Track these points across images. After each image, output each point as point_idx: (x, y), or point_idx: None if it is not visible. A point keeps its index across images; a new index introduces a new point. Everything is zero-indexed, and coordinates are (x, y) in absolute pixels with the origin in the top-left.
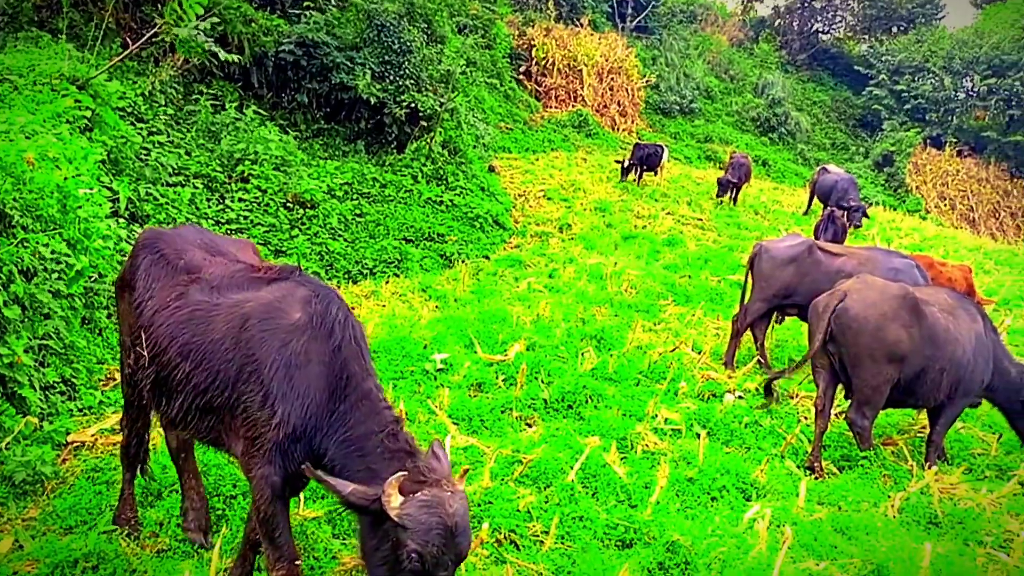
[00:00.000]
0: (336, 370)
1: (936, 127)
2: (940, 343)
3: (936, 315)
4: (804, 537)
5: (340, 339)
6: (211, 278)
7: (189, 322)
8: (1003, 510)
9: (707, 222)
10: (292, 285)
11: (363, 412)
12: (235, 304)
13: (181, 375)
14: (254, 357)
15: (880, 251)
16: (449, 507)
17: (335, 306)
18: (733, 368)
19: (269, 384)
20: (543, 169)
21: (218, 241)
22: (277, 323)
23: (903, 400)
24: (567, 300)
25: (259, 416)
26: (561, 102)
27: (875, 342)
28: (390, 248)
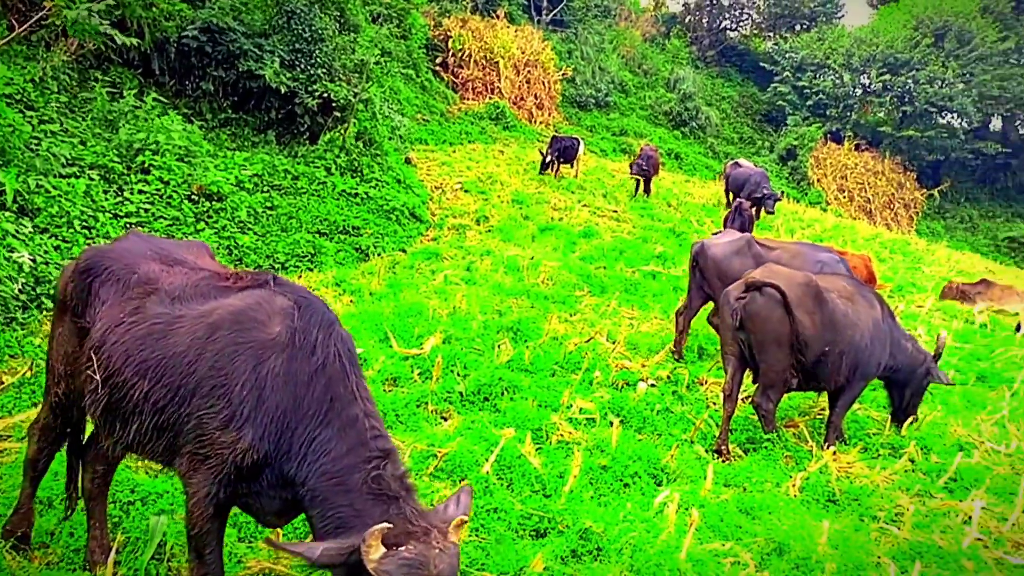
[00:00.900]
0: (318, 393)
1: (836, 122)
2: (840, 328)
3: (836, 301)
4: (711, 519)
5: (324, 358)
6: (171, 288)
7: (147, 337)
8: (895, 486)
9: (622, 214)
10: (269, 294)
11: (348, 441)
12: (201, 315)
13: (138, 395)
14: (221, 372)
15: (807, 246)
16: (433, 568)
17: (319, 319)
18: (681, 357)
19: (238, 406)
20: (460, 161)
21: (170, 247)
22: (252, 336)
23: (807, 383)
24: (484, 292)
25: (219, 437)
26: (478, 94)
27: (780, 327)
28: (303, 242)
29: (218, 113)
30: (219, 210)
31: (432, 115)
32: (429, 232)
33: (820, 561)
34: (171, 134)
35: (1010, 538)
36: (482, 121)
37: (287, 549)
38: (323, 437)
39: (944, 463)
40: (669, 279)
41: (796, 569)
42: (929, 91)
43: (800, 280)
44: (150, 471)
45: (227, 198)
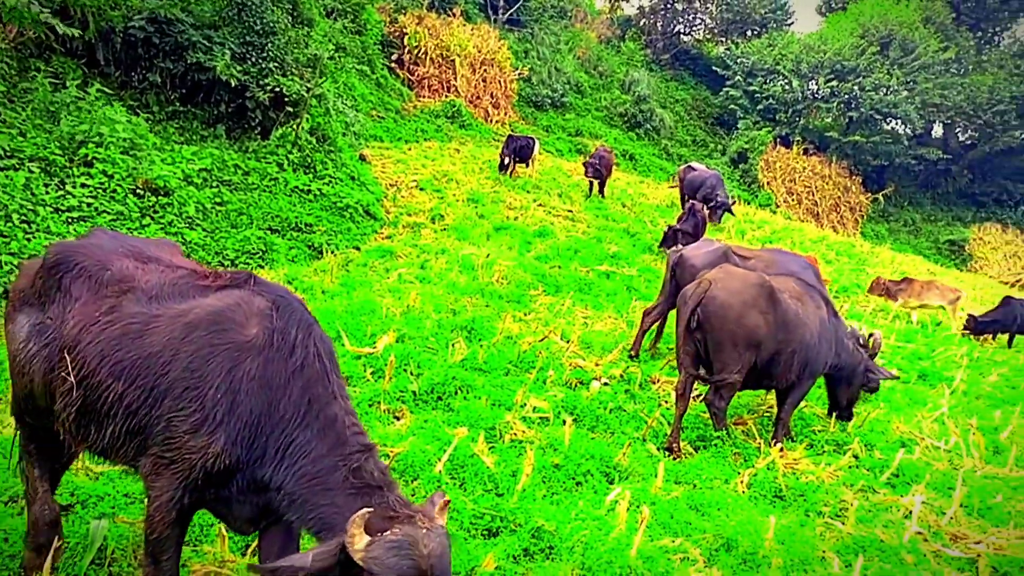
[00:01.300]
0: (295, 395)
1: (785, 127)
2: (792, 328)
3: (788, 301)
4: (661, 515)
5: (302, 359)
6: (148, 287)
7: (123, 337)
8: (840, 482)
9: (577, 214)
10: (247, 294)
11: (328, 442)
12: (178, 314)
13: (113, 397)
14: (195, 374)
15: (782, 253)
16: (424, 547)
17: (298, 319)
18: (637, 355)
19: (211, 409)
20: (416, 159)
21: (140, 245)
22: (229, 338)
23: (759, 382)
24: (438, 291)
25: (188, 441)
26: (434, 92)
27: (737, 328)
28: (254, 239)
29: (165, 106)
30: (166, 205)
31: (387, 112)
32: (383, 230)
33: (767, 556)
34: (116, 126)
35: (948, 531)
36: (438, 119)
37: (276, 568)
38: (301, 440)
39: (887, 459)
40: (623, 279)
41: (743, 564)
42: (874, 98)
43: (755, 281)
44: (90, 473)
45: (174, 193)
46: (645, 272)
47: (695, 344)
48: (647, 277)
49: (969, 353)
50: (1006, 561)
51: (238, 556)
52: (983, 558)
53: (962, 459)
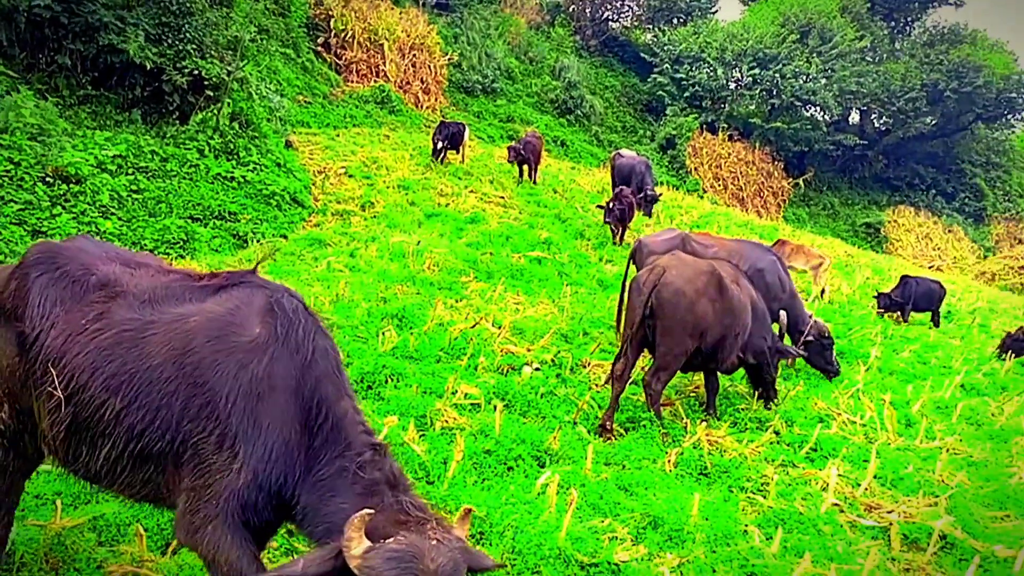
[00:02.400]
0: (307, 395)
1: (711, 113)
2: (737, 312)
3: (732, 287)
4: (591, 497)
5: (309, 355)
6: (139, 291)
7: (116, 347)
8: (762, 457)
9: (509, 200)
10: (246, 292)
11: (338, 443)
12: (176, 320)
13: (109, 415)
14: (205, 386)
15: (745, 243)
16: (430, 561)
17: (300, 314)
18: None
19: (227, 420)
20: (345, 145)
21: (126, 252)
22: (232, 341)
23: (705, 365)
24: (368, 279)
25: (215, 461)
26: (363, 77)
27: (688, 315)
28: (174, 228)
29: (76, 90)
30: (78, 193)
31: (315, 97)
32: (312, 218)
33: (691, 531)
34: (22, 111)
35: (863, 502)
36: (367, 104)
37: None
38: (316, 445)
39: (806, 434)
40: (554, 264)
41: (669, 540)
42: (794, 85)
43: (705, 269)
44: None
45: (87, 180)
46: (576, 258)
47: (645, 329)
48: (578, 263)
49: (883, 331)
50: (915, 528)
51: (157, 555)
52: (895, 526)
53: (876, 433)
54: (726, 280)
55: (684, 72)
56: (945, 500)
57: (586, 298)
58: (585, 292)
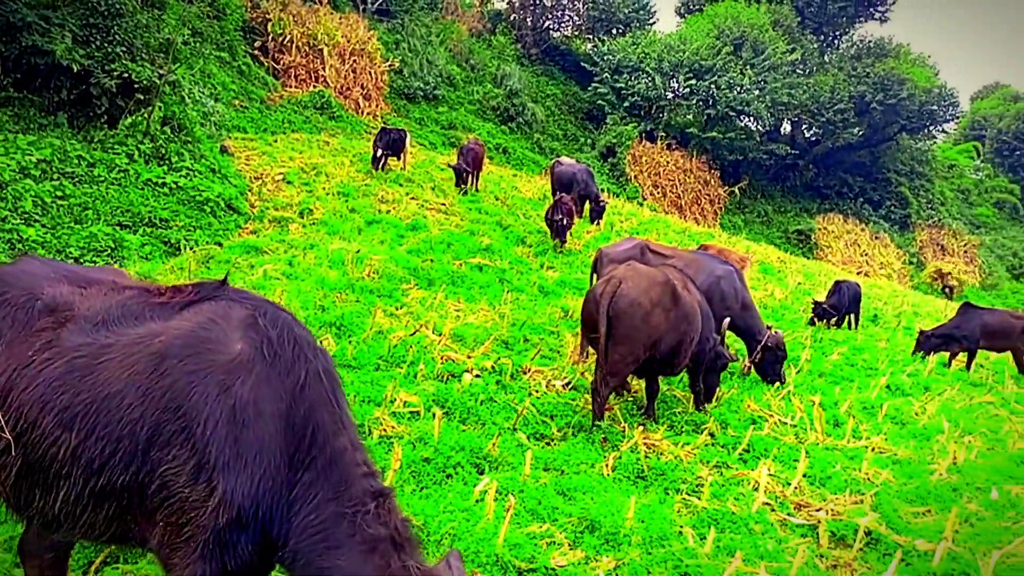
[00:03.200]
0: (298, 422)
1: (650, 122)
2: (691, 319)
3: (684, 294)
4: (529, 502)
5: (302, 376)
6: (92, 313)
7: (68, 377)
8: (697, 459)
9: (450, 207)
10: (222, 306)
11: (333, 483)
12: (138, 341)
13: (65, 452)
14: (179, 411)
15: (703, 255)
16: None
17: (288, 329)
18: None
19: (205, 448)
20: (283, 151)
21: (78, 269)
22: (210, 360)
23: (661, 371)
24: (306, 287)
25: (189, 494)
26: (302, 82)
27: (642, 325)
28: (101, 235)
29: None
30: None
31: (251, 102)
32: (248, 225)
33: (627, 534)
34: None
35: (793, 500)
36: (306, 110)
37: None
38: (306, 480)
39: (739, 436)
40: (495, 271)
41: (606, 543)
42: (729, 96)
43: (660, 279)
44: None
45: (8, 186)
46: (517, 264)
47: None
48: (519, 269)
49: (813, 334)
50: (842, 525)
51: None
52: (822, 524)
53: (806, 433)
54: (679, 289)
55: (624, 82)
56: (870, 497)
57: (527, 304)
58: (526, 299)
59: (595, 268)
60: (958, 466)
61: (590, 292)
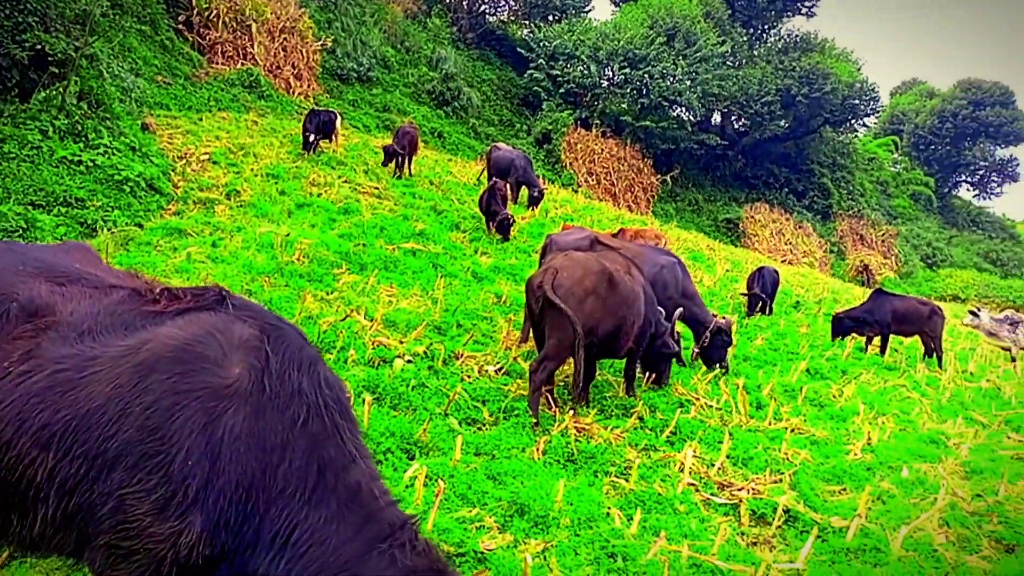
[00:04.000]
0: (299, 459)
1: (585, 110)
2: (629, 303)
3: (624, 280)
4: (460, 487)
5: (307, 409)
6: (76, 319)
7: (49, 392)
8: (626, 442)
9: (384, 191)
10: (223, 319)
11: (353, 521)
12: (126, 352)
13: (41, 475)
14: (156, 433)
15: (648, 247)
16: None
17: (295, 354)
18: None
19: (183, 481)
20: (209, 130)
21: (48, 256)
22: (202, 381)
23: (603, 355)
24: (232, 271)
25: (151, 527)
26: (229, 59)
27: (578, 313)
28: (11, 215)
29: None
30: None
31: (175, 78)
32: (171, 206)
33: (556, 517)
34: None
35: (716, 481)
36: (234, 88)
37: None
38: (314, 520)
39: (667, 419)
40: (429, 256)
41: (535, 527)
42: (662, 86)
43: (594, 268)
44: None
45: None
46: (452, 249)
47: (541, 328)
48: (453, 254)
49: (739, 320)
50: (762, 504)
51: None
52: (744, 503)
53: (731, 415)
54: (617, 275)
55: (559, 68)
56: (789, 477)
57: (460, 290)
58: (459, 284)
59: (543, 256)
60: (872, 446)
61: (529, 280)
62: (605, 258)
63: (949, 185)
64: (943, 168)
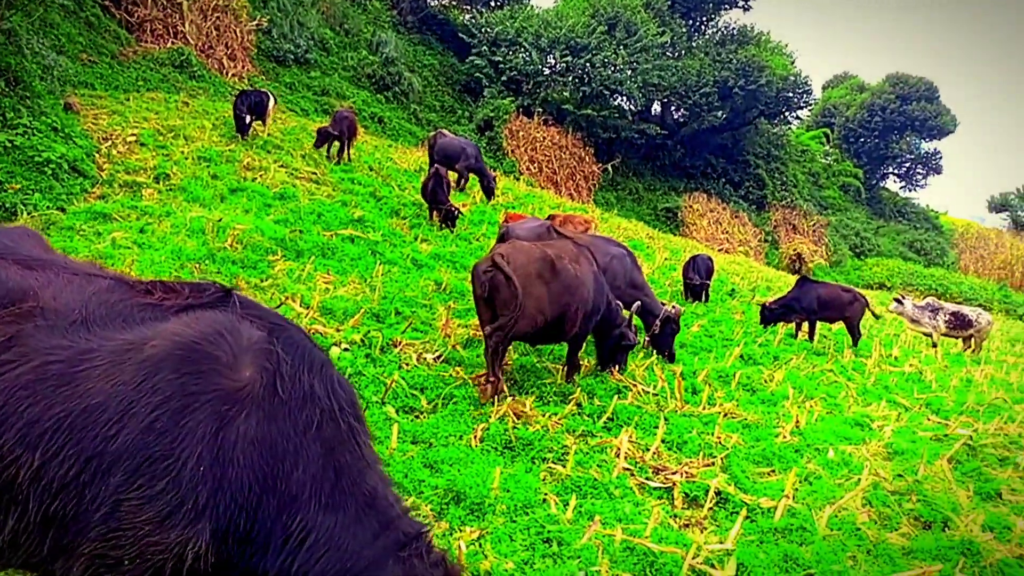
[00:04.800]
0: (313, 464)
1: (527, 97)
2: (573, 289)
3: (568, 267)
4: (396, 475)
5: (321, 413)
6: (64, 307)
7: (38, 385)
8: (563, 428)
9: (322, 176)
10: (229, 319)
11: (369, 527)
12: (128, 347)
13: (24, 475)
14: (164, 437)
15: (600, 238)
16: None
17: (306, 356)
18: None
19: (194, 488)
20: (136, 111)
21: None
22: (213, 383)
23: (551, 338)
24: (160, 257)
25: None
26: (159, 37)
27: (524, 298)
28: None
29: None
30: None
31: (101, 57)
32: (96, 189)
33: (492, 503)
34: None
35: (651, 465)
36: (163, 68)
37: None
38: (330, 525)
39: (604, 405)
40: (368, 243)
41: (471, 513)
42: (603, 74)
43: (538, 255)
44: None
45: None
46: (391, 236)
47: (490, 310)
48: (393, 241)
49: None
50: (695, 487)
51: None
52: (677, 486)
53: (667, 401)
54: (559, 262)
55: (501, 55)
56: (721, 460)
57: (399, 277)
58: (398, 271)
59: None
60: (800, 429)
61: (473, 269)
62: (550, 246)
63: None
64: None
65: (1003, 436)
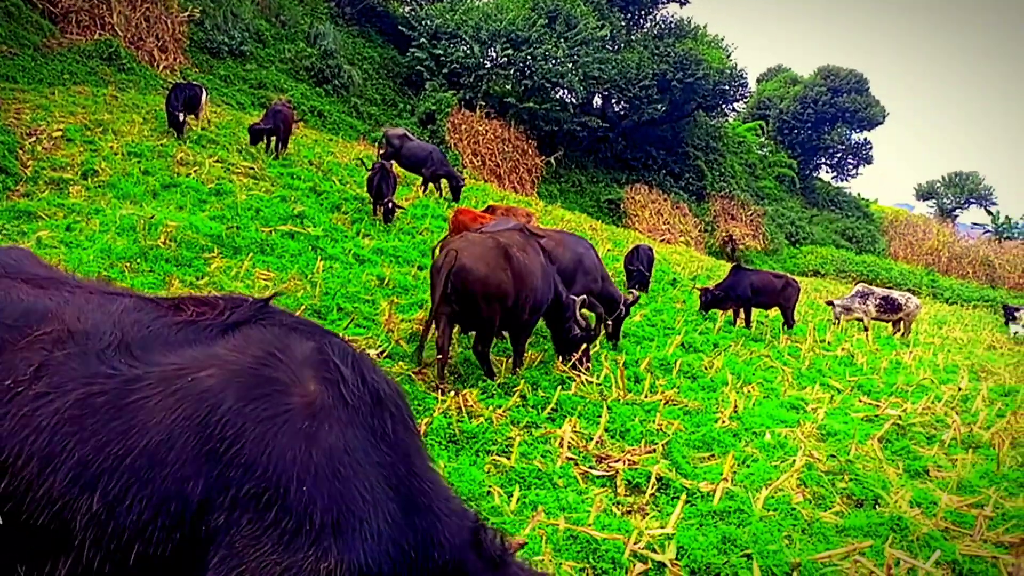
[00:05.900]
0: (394, 464)
1: (469, 91)
2: (524, 277)
3: (518, 256)
4: None
5: (387, 419)
6: (95, 330)
7: (85, 420)
8: (508, 420)
9: (260, 171)
10: (276, 334)
11: (450, 520)
12: (178, 374)
13: (79, 521)
14: (253, 468)
15: (569, 235)
16: None
17: (359, 363)
18: None
19: (305, 509)
20: (62, 105)
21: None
22: (284, 404)
23: (505, 327)
24: (89, 256)
25: (280, 561)
26: (85, 28)
27: (487, 288)
28: None
29: None
30: None
31: (23, 48)
32: (19, 187)
33: None
34: None
35: (594, 454)
36: (90, 60)
37: None
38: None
39: (548, 396)
40: (308, 238)
41: None
42: (545, 67)
43: (492, 245)
44: None
45: None
46: (332, 231)
47: (451, 305)
48: (334, 236)
49: None
50: (637, 473)
51: None
52: (620, 473)
53: (610, 390)
54: (511, 249)
55: (442, 48)
56: (662, 446)
57: (341, 273)
58: (340, 267)
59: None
60: (738, 414)
61: (432, 265)
62: (500, 235)
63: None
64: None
65: (930, 416)
